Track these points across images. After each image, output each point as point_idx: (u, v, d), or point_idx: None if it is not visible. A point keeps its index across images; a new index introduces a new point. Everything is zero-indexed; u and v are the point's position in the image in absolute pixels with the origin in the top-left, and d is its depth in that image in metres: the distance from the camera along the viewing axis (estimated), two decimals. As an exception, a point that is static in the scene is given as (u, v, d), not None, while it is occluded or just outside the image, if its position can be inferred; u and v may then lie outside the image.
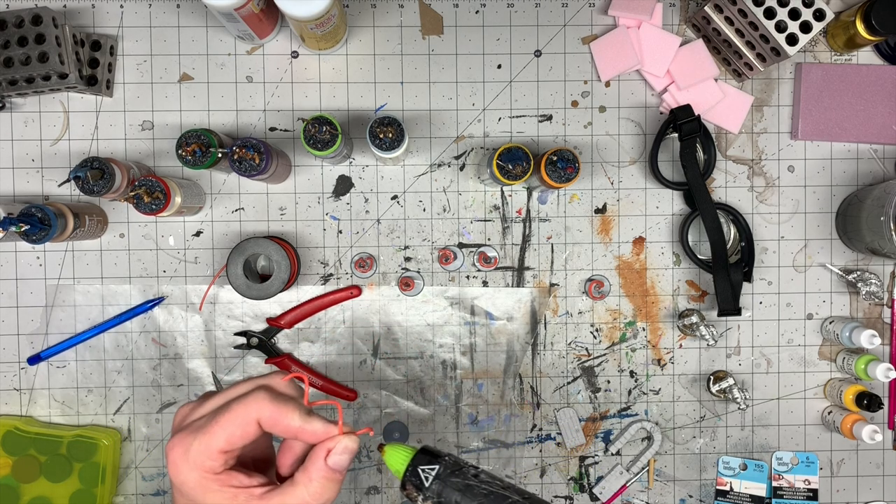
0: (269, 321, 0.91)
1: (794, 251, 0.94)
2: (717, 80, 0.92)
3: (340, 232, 0.92)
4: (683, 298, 0.94)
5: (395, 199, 0.92)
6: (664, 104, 0.92)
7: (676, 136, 0.91)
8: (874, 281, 0.92)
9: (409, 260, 0.92)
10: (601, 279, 0.93)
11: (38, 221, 0.79)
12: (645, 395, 0.94)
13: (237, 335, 0.91)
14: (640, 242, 0.93)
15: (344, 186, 0.91)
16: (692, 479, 0.95)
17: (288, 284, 0.86)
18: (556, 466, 0.94)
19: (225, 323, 0.91)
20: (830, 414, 0.93)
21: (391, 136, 0.80)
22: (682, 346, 0.94)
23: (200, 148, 0.80)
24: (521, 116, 0.92)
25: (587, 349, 0.93)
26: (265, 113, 0.91)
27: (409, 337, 0.92)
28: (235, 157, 0.79)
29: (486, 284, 0.92)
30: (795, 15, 0.83)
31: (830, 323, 0.93)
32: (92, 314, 0.90)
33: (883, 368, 0.87)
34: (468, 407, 0.93)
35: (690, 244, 0.93)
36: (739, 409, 0.91)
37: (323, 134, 0.79)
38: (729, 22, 0.87)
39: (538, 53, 0.92)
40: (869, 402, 0.88)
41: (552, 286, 0.93)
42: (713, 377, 0.92)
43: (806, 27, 0.83)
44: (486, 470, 0.53)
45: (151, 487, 0.92)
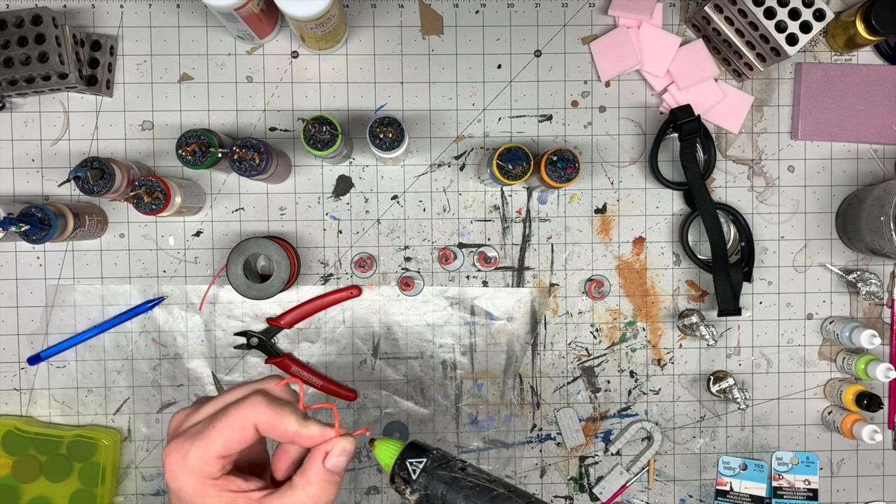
0: (269, 321, 0.91)
1: (794, 251, 0.94)
2: (717, 80, 0.92)
3: (340, 232, 0.92)
4: (683, 298, 0.94)
5: (395, 199, 0.92)
6: (664, 104, 0.92)
7: (676, 136, 0.91)
8: (874, 281, 0.92)
9: (409, 260, 0.92)
10: (601, 279, 0.93)
11: (38, 221, 0.79)
12: (645, 395, 0.94)
13: (237, 335, 0.91)
14: (640, 242, 0.93)
15: (344, 186, 0.91)
16: (692, 479, 0.95)
17: (288, 284, 0.86)
18: (556, 466, 0.94)
19: (225, 323, 0.91)
20: (830, 414, 0.93)
21: (391, 136, 0.80)
22: (682, 346, 0.94)
23: (200, 148, 0.80)
24: (521, 116, 0.92)
25: (587, 349, 0.93)
26: (265, 113, 0.91)
27: (409, 337, 0.92)
28: (235, 157, 0.79)
29: (486, 284, 0.92)
30: (795, 15, 0.83)
31: (830, 323, 0.93)
32: (92, 314, 0.90)
33: (883, 368, 0.87)
34: (468, 407, 0.93)
35: (690, 244, 0.93)
36: (739, 409, 0.91)
37: (323, 134, 0.79)
38: (729, 22, 0.87)
39: (538, 53, 0.92)
40: (869, 402, 0.88)
41: (552, 286, 0.93)
42: (713, 377, 0.92)
43: (806, 27, 0.83)
44: (473, 464, 0.54)
45: (151, 487, 0.92)
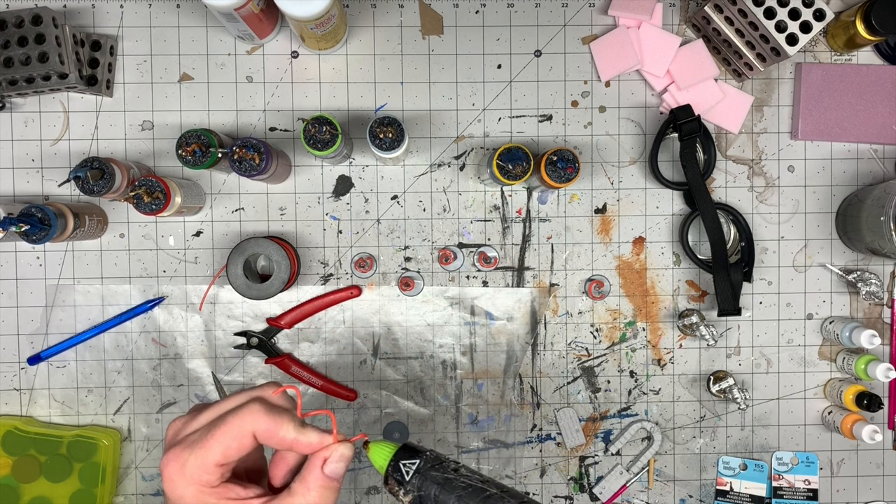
0: (269, 321, 0.91)
1: (794, 251, 0.94)
2: (717, 80, 0.92)
3: (340, 232, 0.92)
4: (683, 298, 0.94)
5: (395, 199, 0.92)
6: (664, 104, 0.92)
7: (676, 136, 0.91)
8: (874, 281, 0.92)
9: (409, 260, 0.92)
10: (601, 279, 0.93)
11: (38, 221, 0.79)
12: (645, 395, 0.94)
13: (237, 335, 0.91)
14: (640, 242, 0.93)
15: (344, 186, 0.91)
16: (692, 479, 0.95)
17: (288, 284, 0.86)
18: (556, 466, 0.94)
19: (225, 323, 0.91)
20: (830, 414, 0.93)
21: (391, 136, 0.80)
22: (682, 346, 0.94)
23: (200, 148, 0.80)
24: (521, 116, 0.92)
25: (587, 349, 0.93)
26: (265, 113, 0.91)
27: (409, 337, 0.92)
28: (235, 157, 0.79)
29: (486, 284, 0.92)
30: (795, 15, 0.83)
31: (830, 323, 0.93)
32: (92, 314, 0.90)
33: (883, 368, 0.87)
34: (468, 407, 0.93)
35: (690, 244, 0.93)
36: (739, 409, 0.91)
37: (323, 134, 0.79)
38: (729, 22, 0.87)
39: (538, 53, 0.92)
40: (869, 402, 0.88)
41: (552, 286, 0.93)
42: (713, 377, 0.92)
43: (806, 27, 0.83)
44: (466, 465, 0.54)
45: (151, 487, 0.92)
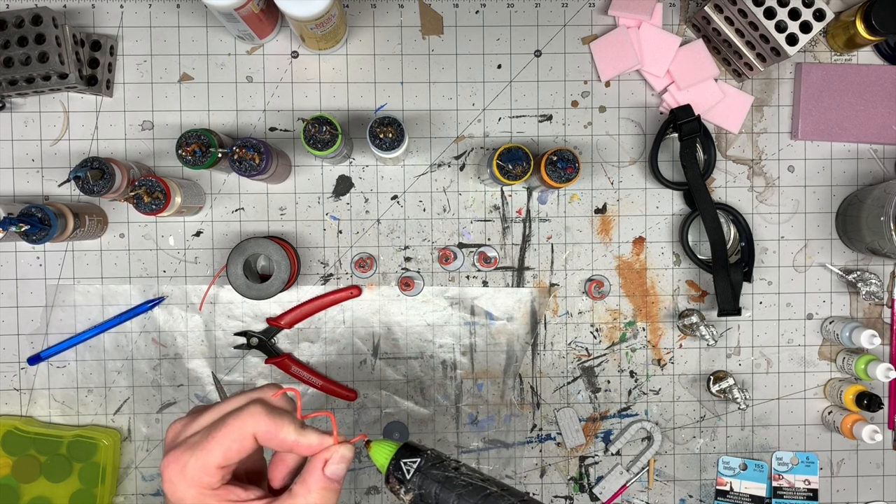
0: (269, 321, 0.91)
1: (794, 251, 0.94)
2: (717, 80, 0.92)
3: (340, 232, 0.92)
4: (683, 298, 0.94)
5: (395, 199, 0.92)
6: (664, 104, 0.92)
7: (676, 136, 0.91)
8: (874, 281, 0.92)
9: (409, 260, 0.92)
10: (601, 279, 0.93)
11: (38, 221, 0.79)
12: (645, 395, 0.94)
13: (237, 335, 0.91)
14: (640, 242, 0.93)
15: (344, 186, 0.91)
16: (692, 479, 0.95)
17: (288, 284, 0.86)
18: (556, 466, 0.94)
19: (225, 323, 0.91)
20: (830, 414, 0.93)
21: (391, 136, 0.80)
22: (682, 346, 0.94)
23: (200, 148, 0.80)
24: (521, 116, 0.92)
25: (587, 349, 0.93)
26: (265, 113, 0.91)
27: (409, 337, 0.92)
28: (235, 157, 0.79)
29: (486, 284, 0.92)
30: (795, 15, 0.83)
31: (830, 323, 0.93)
32: (92, 314, 0.90)
33: (883, 368, 0.87)
34: (468, 407, 0.93)
35: (690, 244, 0.93)
36: (739, 409, 0.91)
37: (323, 134, 0.79)
38: (729, 22, 0.87)
39: (538, 53, 0.92)
40: (869, 402, 0.88)
41: (552, 286, 0.93)
42: (713, 377, 0.92)
43: (806, 27, 0.83)
44: (467, 464, 0.54)
45: (151, 487, 0.92)
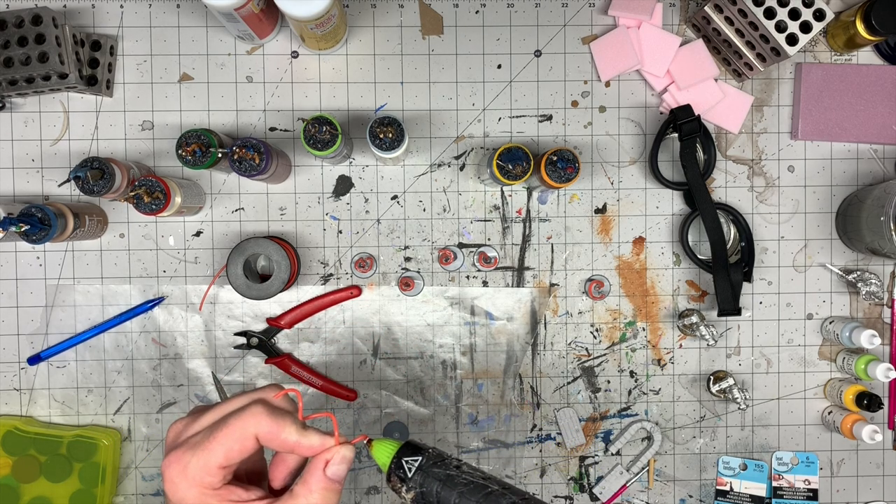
0: (269, 321, 0.91)
1: (794, 251, 0.94)
2: (717, 80, 0.92)
3: (340, 232, 0.92)
4: (683, 298, 0.94)
5: (395, 199, 0.92)
6: (664, 104, 0.92)
7: (676, 136, 0.91)
8: (874, 281, 0.92)
9: (409, 260, 0.92)
10: (601, 279, 0.93)
11: (38, 221, 0.79)
12: (645, 395, 0.94)
13: (237, 335, 0.91)
14: (640, 242, 0.93)
15: (344, 186, 0.91)
16: (692, 479, 0.95)
17: (288, 284, 0.86)
18: (556, 466, 0.94)
19: (225, 323, 0.91)
20: (830, 414, 0.93)
21: (391, 136, 0.80)
22: (682, 346, 0.94)
23: (200, 148, 0.80)
24: (521, 116, 0.92)
25: (587, 349, 0.93)
26: (265, 113, 0.91)
27: (409, 337, 0.92)
28: (235, 157, 0.79)
29: (486, 284, 0.92)
30: (795, 15, 0.83)
31: (830, 323, 0.93)
32: (92, 314, 0.90)
33: (883, 368, 0.87)
34: (468, 407, 0.93)
35: (690, 244, 0.93)
36: (739, 409, 0.91)
37: (323, 134, 0.79)
38: (729, 22, 0.87)
39: (538, 53, 0.92)
40: (869, 402, 0.88)
41: (552, 286, 0.93)
42: (713, 377, 0.92)
43: (806, 27, 0.83)
44: (468, 462, 0.54)
45: (151, 487, 0.92)
